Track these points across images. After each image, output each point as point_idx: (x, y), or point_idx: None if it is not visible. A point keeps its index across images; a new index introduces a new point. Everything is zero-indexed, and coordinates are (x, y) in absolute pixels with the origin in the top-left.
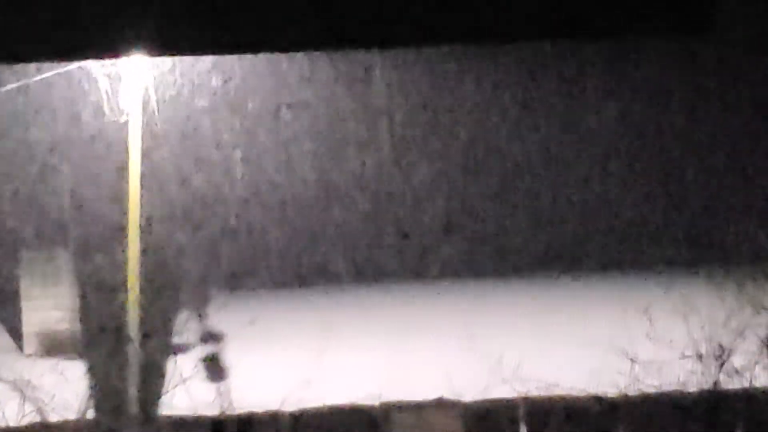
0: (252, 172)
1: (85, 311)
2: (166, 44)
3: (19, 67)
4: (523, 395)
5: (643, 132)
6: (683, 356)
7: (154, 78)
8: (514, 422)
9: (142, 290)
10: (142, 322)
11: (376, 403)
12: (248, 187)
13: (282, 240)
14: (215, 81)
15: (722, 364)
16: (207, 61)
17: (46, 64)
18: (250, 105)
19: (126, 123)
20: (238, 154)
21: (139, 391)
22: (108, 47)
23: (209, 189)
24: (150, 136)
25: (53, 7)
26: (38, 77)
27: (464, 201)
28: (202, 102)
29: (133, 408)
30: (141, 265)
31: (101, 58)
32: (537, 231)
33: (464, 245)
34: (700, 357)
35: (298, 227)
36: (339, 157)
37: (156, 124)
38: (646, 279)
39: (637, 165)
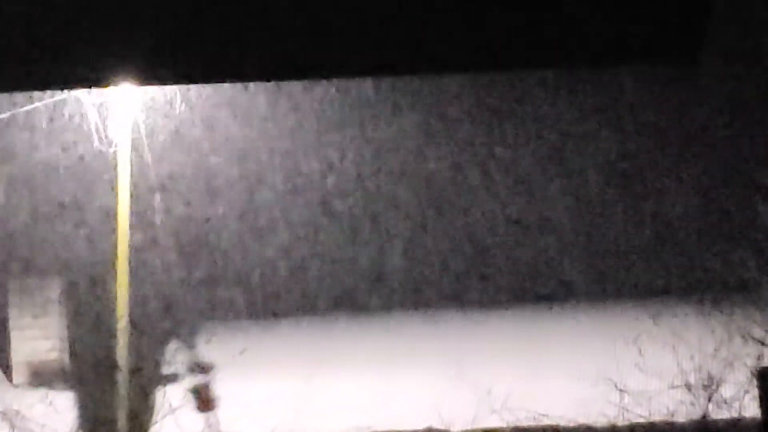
0: (243, 202)
1: (74, 341)
2: (154, 74)
3: (7, 97)
4: (512, 425)
5: (632, 162)
6: (672, 386)
7: (143, 108)
8: None
9: (131, 320)
10: (132, 352)
11: None
12: (239, 219)
13: (272, 271)
14: (206, 110)
15: (711, 394)
16: (197, 90)
17: (36, 95)
18: (241, 134)
19: (115, 153)
20: (228, 185)
21: (128, 421)
22: (97, 77)
23: (199, 220)
24: (139, 166)
25: (43, 37)
26: (28, 107)
27: (453, 234)
28: (192, 132)
29: None
30: (130, 296)
31: (91, 87)
32: (526, 262)
33: (454, 277)
34: (689, 387)
35: (287, 259)
36: (328, 188)
37: (145, 155)
38: (635, 310)
39: (627, 195)
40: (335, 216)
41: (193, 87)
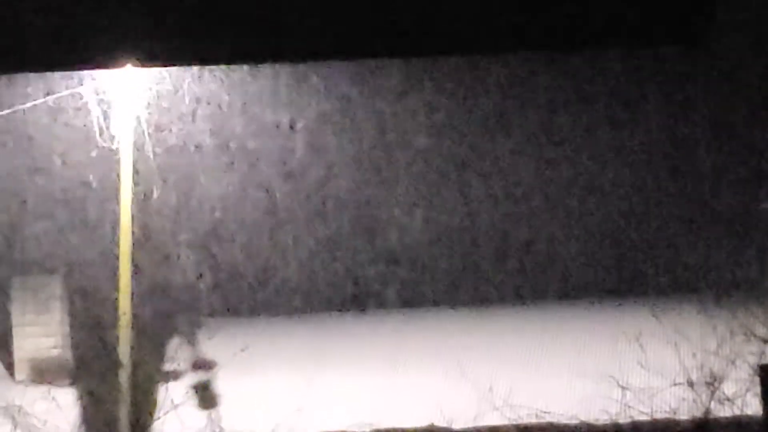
0: (246, 196)
1: (76, 338)
2: (158, 55)
3: (8, 92)
4: (513, 423)
5: (634, 158)
6: (675, 384)
7: (147, 104)
8: None
9: (133, 317)
10: (134, 348)
11: (367, 430)
12: (242, 214)
13: (275, 266)
14: (211, 101)
15: (713, 392)
16: (202, 81)
17: (38, 92)
18: (244, 122)
19: (118, 149)
20: (231, 181)
21: (130, 417)
22: (100, 58)
23: (202, 214)
24: (142, 162)
25: (44, 19)
26: (30, 103)
27: (452, 230)
28: (196, 127)
29: None
30: (132, 292)
31: (93, 68)
32: (528, 259)
33: (455, 273)
34: (691, 384)
35: (289, 254)
36: (334, 178)
37: (148, 151)
38: (637, 307)
39: (629, 192)
40: (336, 212)
41: (198, 80)
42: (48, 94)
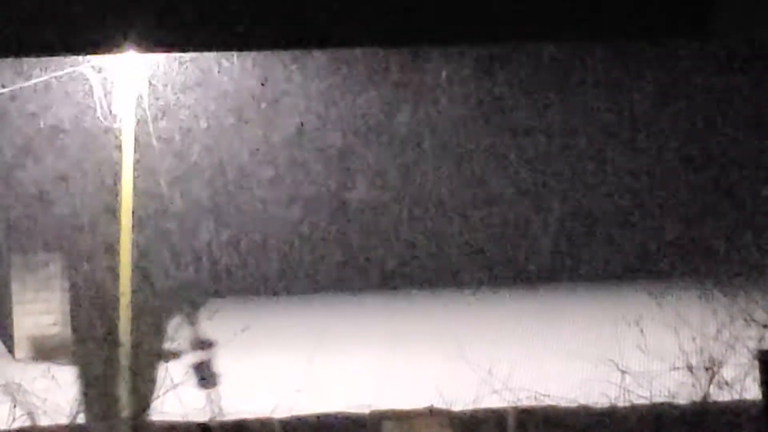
0: (244, 178)
1: (76, 316)
2: (160, 40)
3: (10, 70)
4: (513, 405)
5: (636, 143)
6: (674, 368)
7: (149, 82)
8: None
9: (133, 296)
10: (134, 327)
11: (367, 411)
12: (241, 194)
13: (275, 247)
14: (210, 83)
15: (713, 376)
16: (203, 60)
17: (38, 69)
18: (245, 108)
19: (119, 129)
20: (231, 160)
21: (130, 396)
22: (101, 43)
23: (202, 195)
24: (143, 141)
25: (44, 3)
26: (30, 82)
27: (454, 212)
28: (195, 105)
29: (124, 413)
30: (133, 271)
31: (94, 53)
32: (528, 242)
33: (456, 256)
34: (690, 369)
35: (292, 237)
36: (333, 166)
37: (150, 129)
38: (637, 291)
39: (630, 177)
40: (340, 194)
41: (199, 59)
42: (49, 73)
